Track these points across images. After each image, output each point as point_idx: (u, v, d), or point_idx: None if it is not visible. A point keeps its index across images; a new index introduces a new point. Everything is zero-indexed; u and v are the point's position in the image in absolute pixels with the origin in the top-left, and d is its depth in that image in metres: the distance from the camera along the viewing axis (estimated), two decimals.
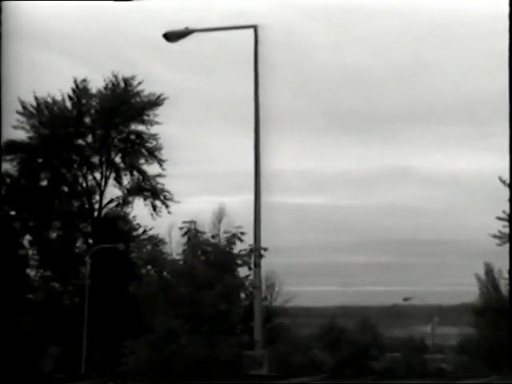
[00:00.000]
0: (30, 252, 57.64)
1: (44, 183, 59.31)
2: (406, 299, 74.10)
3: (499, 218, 33.67)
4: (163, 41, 24.82)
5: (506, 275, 39.72)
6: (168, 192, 60.33)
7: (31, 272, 57.23)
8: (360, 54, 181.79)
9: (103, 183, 59.85)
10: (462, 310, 59.47)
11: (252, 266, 22.76)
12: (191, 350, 21.14)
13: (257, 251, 22.77)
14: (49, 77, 66.81)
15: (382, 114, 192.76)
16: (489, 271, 48.14)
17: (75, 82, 58.69)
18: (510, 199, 22.71)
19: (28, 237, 57.61)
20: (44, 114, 58.73)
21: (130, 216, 60.58)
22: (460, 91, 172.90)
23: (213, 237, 23.14)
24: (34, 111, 58.65)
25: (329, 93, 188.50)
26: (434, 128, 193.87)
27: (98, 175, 59.93)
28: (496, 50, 25.21)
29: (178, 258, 23.00)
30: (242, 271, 23.28)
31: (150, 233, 58.10)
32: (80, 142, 59.86)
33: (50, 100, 58.80)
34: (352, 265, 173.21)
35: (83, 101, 59.31)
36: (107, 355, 43.18)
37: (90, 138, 60.18)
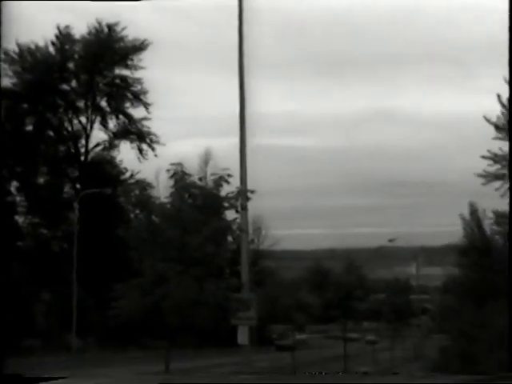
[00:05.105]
0: (18, 198, 57.54)
1: (29, 128, 58.96)
2: (391, 240, 74.89)
3: (484, 157, 33.80)
4: None
5: (491, 214, 40.01)
6: (154, 135, 60.26)
7: (19, 219, 57.21)
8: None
9: (89, 127, 59.70)
10: (447, 250, 59.90)
11: (239, 208, 22.79)
12: (180, 293, 21.31)
13: (244, 194, 22.79)
14: (31, 24, 65.97)
15: (368, 56, 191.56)
16: (473, 211, 48.36)
17: (58, 28, 58.10)
18: (510, 141, 22.43)
19: (15, 183, 57.46)
20: (27, 60, 58.14)
21: (117, 160, 60.57)
22: (449, 36, 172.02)
23: (200, 179, 23.04)
24: (16, 57, 58.00)
25: (315, 37, 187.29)
26: (421, 70, 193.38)
27: (83, 119, 59.77)
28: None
29: (165, 201, 22.99)
30: (229, 214, 23.37)
31: (138, 176, 58.03)
32: (64, 86, 59.47)
33: (32, 46, 58.19)
34: (338, 207, 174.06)
35: (66, 46, 58.73)
36: (98, 299, 43.59)
37: (74, 83, 59.80)
